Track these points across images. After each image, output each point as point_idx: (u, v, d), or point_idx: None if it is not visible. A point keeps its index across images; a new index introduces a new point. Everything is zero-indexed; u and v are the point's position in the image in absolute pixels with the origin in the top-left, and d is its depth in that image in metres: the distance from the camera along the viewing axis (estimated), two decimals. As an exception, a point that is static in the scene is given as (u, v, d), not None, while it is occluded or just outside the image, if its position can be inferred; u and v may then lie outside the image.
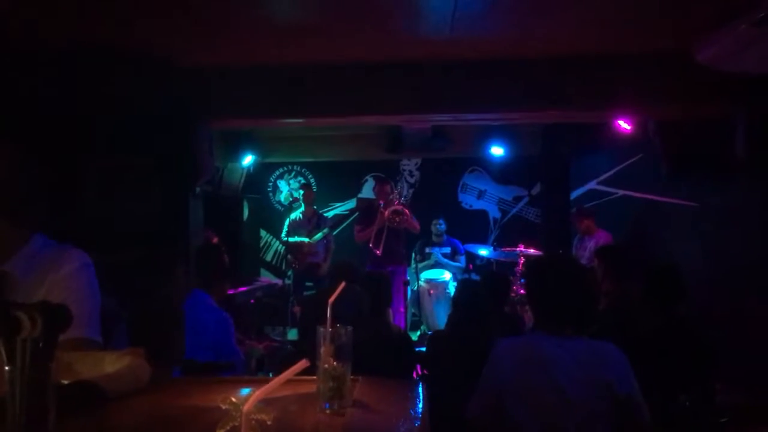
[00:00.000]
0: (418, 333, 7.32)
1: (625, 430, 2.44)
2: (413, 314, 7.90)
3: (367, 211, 7.65)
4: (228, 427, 0.88)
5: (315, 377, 1.50)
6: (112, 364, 1.60)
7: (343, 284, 1.58)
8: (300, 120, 5.25)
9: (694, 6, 3.59)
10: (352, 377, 1.55)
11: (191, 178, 4.85)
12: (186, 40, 4.14)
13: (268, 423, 0.87)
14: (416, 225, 7.42)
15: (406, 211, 7.08)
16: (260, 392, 0.62)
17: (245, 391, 1.49)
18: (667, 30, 3.97)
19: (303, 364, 0.67)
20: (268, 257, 9.45)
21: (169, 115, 4.57)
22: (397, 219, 7.01)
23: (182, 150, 4.71)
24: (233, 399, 0.87)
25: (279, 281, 8.21)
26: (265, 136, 8.04)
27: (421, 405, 1.61)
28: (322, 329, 1.48)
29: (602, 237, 6.95)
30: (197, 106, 4.70)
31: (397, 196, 7.59)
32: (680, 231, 5.88)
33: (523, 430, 2.42)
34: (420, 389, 1.80)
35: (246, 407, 0.60)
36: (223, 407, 0.90)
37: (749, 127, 4.47)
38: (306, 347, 2.52)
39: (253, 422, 0.78)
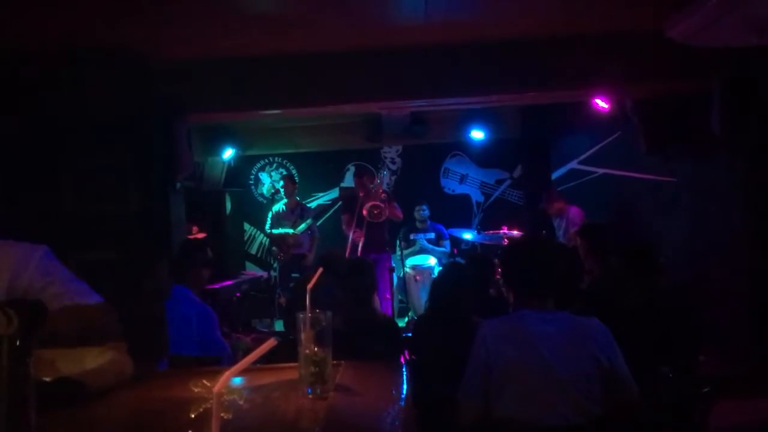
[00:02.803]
0: (406, 319, 7.34)
1: (615, 404, 2.46)
2: (400, 301, 7.92)
3: (350, 199, 7.65)
4: (200, 409, 0.89)
5: (297, 364, 1.51)
6: (93, 359, 1.60)
7: (320, 270, 1.59)
8: (278, 111, 5.23)
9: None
10: (334, 362, 1.56)
11: (171, 173, 4.82)
12: (160, 34, 4.10)
13: (241, 403, 0.88)
14: (398, 213, 7.43)
15: (382, 204, 7.06)
16: (230, 372, 0.62)
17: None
18: (640, 7, 3.98)
19: (270, 343, 0.68)
20: (253, 250, 9.43)
21: (145, 110, 4.54)
22: (375, 212, 7.01)
23: (160, 146, 4.68)
24: (205, 382, 0.87)
25: (265, 274, 8.21)
26: (245, 129, 8.00)
27: (404, 387, 1.62)
28: (301, 315, 1.49)
29: (572, 213, 7.04)
30: (174, 100, 4.67)
31: (378, 186, 7.56)
32: (661, 207, 5.93)
33: (514, 409, 2.44)
34: (403, 372, 1.81)
35: (216, 388, 0.60)
36: (196, 390, 0.91)
37: (724, 102, 4.50)
38: (292, 337, 2.53)
39: (225, 403, 0.79)
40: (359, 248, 6.97)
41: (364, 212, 6.99)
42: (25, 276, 1.91)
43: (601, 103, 5.96)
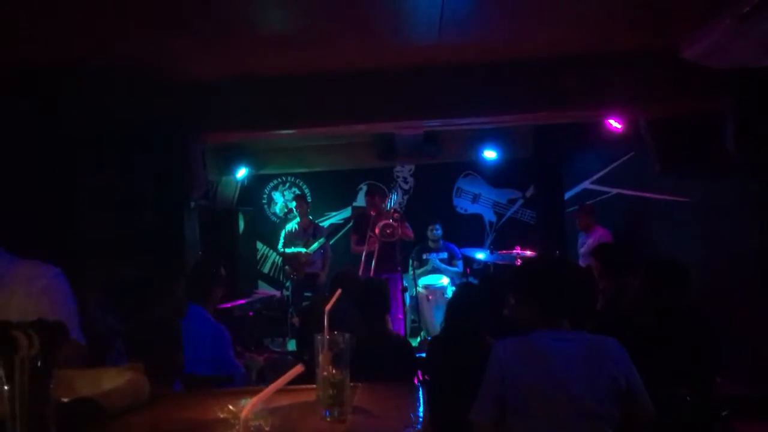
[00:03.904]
0: (418, 339, 7.31)
1: (630, 424, 2.43)
2: (413, 321, 7.89)
3: (362, 219, 7.66)
4: (226, 435, 0.89)
5: (315, 385, 1.50)
6: (111, 380, 1.60)
7: (339, 292, 1.59)
8: (292, 131, 5.25)
9: (679, 2, 3.62)
10: (351, 384, 1.55)
11: (185, 193, 4.85)
12: (177, 55, 4.14)
13: (267, 429, 0.88)
14: (410, 233, 7.43)
15: (395, 223, 7.07)
16: (257, 399, 0.62)
17: (245, 402, 1.50)
18: (654, 27, 3.99)
19: (298, 369, 0.68)
20: (266, 269, 9.45)
21: (161, 130, 4.58)
22: (388, 232, 7.02)
23: (175, 165, 4.71)
24: (231, 407, 0.87)
25: (277, 293, 8.22)
26: (259, 149, 8.05)
27: (421, 409, 1.61)
28: (319, 337, 1.48)
29: (600, 234, 6.97)
30: (189, 120, 4.71)
31: (389, 205, 7.58)
32: (674, 227, 5.89)
33: (529, 429, 2.42)
34: (420, 394, 1.80)
35: (244, 414, 0.60)
36: (222, 416, 0.90)
37: (738, 121, 4.48)
38: (305, 356, 2.52)
39: (252, 429, 0.79)
40: (372, 267, 6.96)
41: (377, 231, 6.99)
42: (33, 293, 1.92)
43: (615, 123, 5.95)
